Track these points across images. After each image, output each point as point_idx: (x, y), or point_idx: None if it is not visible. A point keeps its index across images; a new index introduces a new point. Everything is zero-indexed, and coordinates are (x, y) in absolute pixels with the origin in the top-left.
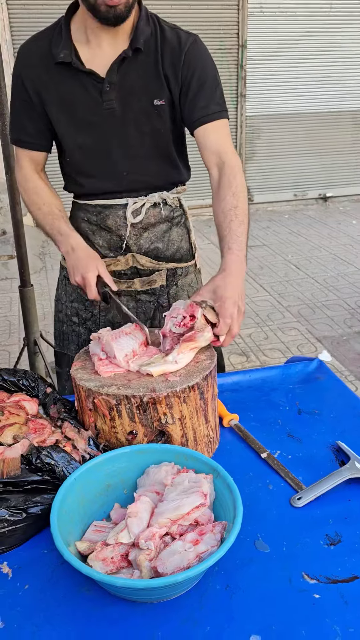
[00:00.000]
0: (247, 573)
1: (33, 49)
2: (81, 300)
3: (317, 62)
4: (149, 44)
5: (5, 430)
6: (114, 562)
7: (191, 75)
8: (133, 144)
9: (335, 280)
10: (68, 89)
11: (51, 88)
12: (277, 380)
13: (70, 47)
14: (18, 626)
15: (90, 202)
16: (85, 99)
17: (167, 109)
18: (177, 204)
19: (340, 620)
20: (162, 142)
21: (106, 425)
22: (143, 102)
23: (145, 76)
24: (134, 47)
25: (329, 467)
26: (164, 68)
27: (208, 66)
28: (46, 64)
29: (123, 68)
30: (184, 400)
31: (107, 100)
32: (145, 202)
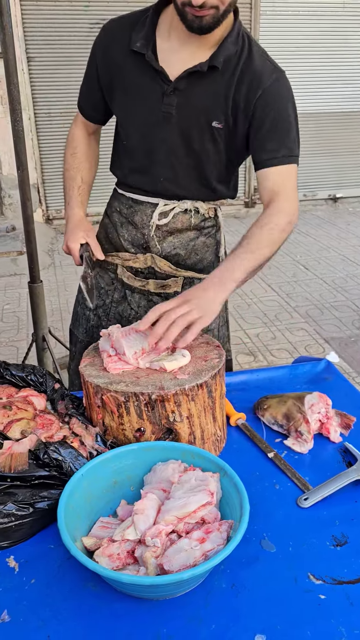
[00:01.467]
0: (252, 572)
1: (116, 29)
2: (97, 286)
3: (329, 62)
4: (229, 64)
5: (13, 425)
6: (120, 559)
7: (266, 114)
8: (177, 156)
9: (343, 282)
10: (135, 78)
11: (120, 72)
12: (284, 380)
13: (150, 38)
14: (24, 620)
15: (125, 193)
16: (147, 94)
17: (223, 134)
18: (212, 214)
19: (346, 621)
20: (208, 163)
21: (114, 422)
22: (201, 119)
23: (212, 95)
24: (210, 64)
25: (336, 468)
26: (237, 93)
27: (286, 107)
28: (122, 46)
29: (193, 79)
30: (192, 399)
31: (167, 104)
32: (175, 206)
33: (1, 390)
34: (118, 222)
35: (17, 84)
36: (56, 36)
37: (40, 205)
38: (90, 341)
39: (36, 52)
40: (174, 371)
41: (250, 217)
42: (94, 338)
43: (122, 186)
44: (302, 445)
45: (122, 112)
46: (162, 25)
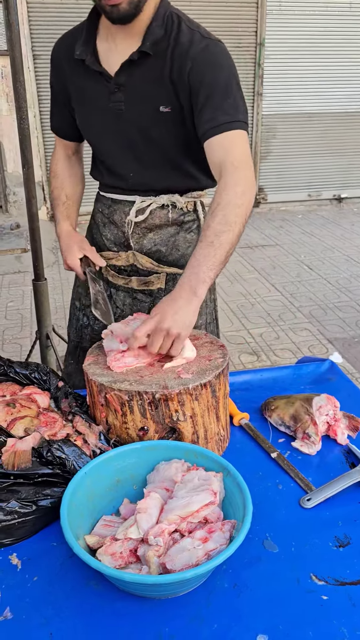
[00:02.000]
0: (255, 572)
1: (62, 45)
2: (84, 287)
3: (336, 62)
4: (160, 47)
5: (17, 423)
6: (122, 557)
7: (200, 84)
8: (138, 148)
9: (347, 282)
10: (83, 84)
11: (72, 82)
12: (288, 381)
13: (90, 43)
14: (27, 617)
15: (105, 194)
16: (95, 96)
17: (174, 116)
18: (191, 209)
19: (348, 622)
20: (171, 149)
21: (117, 420)
22: (148, 107)
23: (151, 81)
24: (140, 51)
25: (339, 469)
26: (172, 73)
27: (222, 73)
28: (69, 58)
29: (131, 70)
30: (196, 398)
31: (115, 102)
32: (152, 202)
33: (5, 388)
34: (100, 222)
35: (23, 82)
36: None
37: (45, 203)
38: (79, 341)
39: (42, 49)
40: (178, 370)
41: (254, 217)
42: (83, 338)
43: (102, 188)
44: (310, 447)
45: (81, 120)
46: (101, 29)
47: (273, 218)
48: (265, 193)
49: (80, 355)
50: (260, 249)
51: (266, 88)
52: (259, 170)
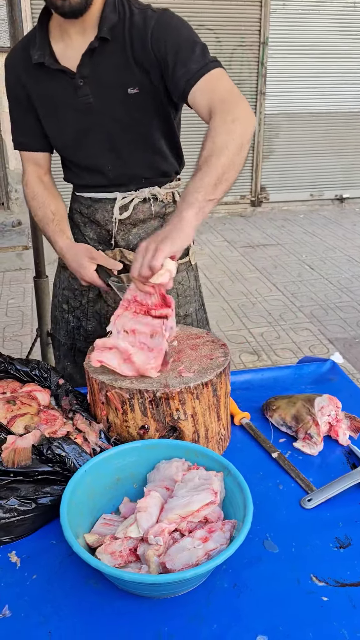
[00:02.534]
0: (255, 572)
1: (16, 55)
2: (71, 288)
3: (339, 61)
4: (117, 32)
5: (17, 420)
6: (122, 556)
7: (164, 50)
8: (113, 137)
9: (349, 282)
10: (46, 88)
11: (33, 89)
12: (289, 380)
13: (45, 46)
14: (25, 616)
15: (83, 194)
16: (62, 96)
17: (144, 97)
18: (171, 200)
19: (348, 624)
20: (144, 131)
21: (118, 418)
22: (117, 92)
23: (116, 66)
24: (99, 37)
25: (340, 470)
26: (134, 53)
27: (179, 34)
28: (26, 66)
29: (93, 60)
30: (197, 397)
31: (82, 96)
32: (133, 197)
33: (5, 385)
34: (81, 222)
35: None
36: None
37: None
38: (72, 343)
39: None
40: (179, 369)
41: (256, 216)
42: (76, 339)
43: (79, 189)
44: (311, 447)
45: (49, 126)
46: (53, 31)
47: (275, 217)
48: (268, 192)
49: (77, 355)
50: (262, 248)
51: (269, 87)
52: (262, 169)
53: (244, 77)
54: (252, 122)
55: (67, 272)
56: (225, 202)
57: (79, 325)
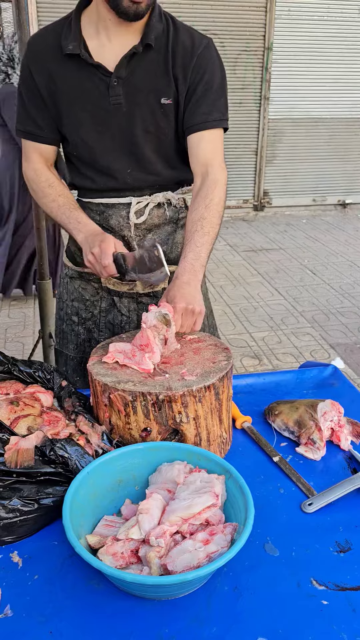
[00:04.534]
0: (255, 575)
1: (42, 41)
2: (82, 299)
3: (343, 67)
4: (160, 41)
5: (20, 421)
6: (123, 558)
7: (199, 78)
8: (137, 142)
9: (351, 288)
10: (76, 81)
11: (59, 80)
12: (291, 385)
13: (80, 39)
14: (27, 615)
15: (93, 200)
16: (92, 92)
17: (173, 109)
18: (182, 205)
19: (348, 628)
20: (166, 142)
21: (121, 421)
22: (150, 99)
23: (154, 74)
24: (144, 43)
25: (341, 475)
26: (174, 67)
27: (217, 73)
28: (55, 55)
29: (132, 64)
30: (200, 400)
31: (114, 96)
32: (149, 202)
33: (9, 386)
34: None
35: None
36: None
37: None
38: (82, 357)
39: None
40: (182, 372)
41: (258, 221)
42: (86, 353)
43: (88, 194)
44: (314, 452)
45: (70, 119)
46: (87, 26)
47: (277, 222)
48: (270, 197)
49: (85, 370)
50: (264, 252)
51: (273, 92)
52: (265, 173)
53: (248, 82)
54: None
55: (77, 282)
56: (228, 207)
57: (89, 338)
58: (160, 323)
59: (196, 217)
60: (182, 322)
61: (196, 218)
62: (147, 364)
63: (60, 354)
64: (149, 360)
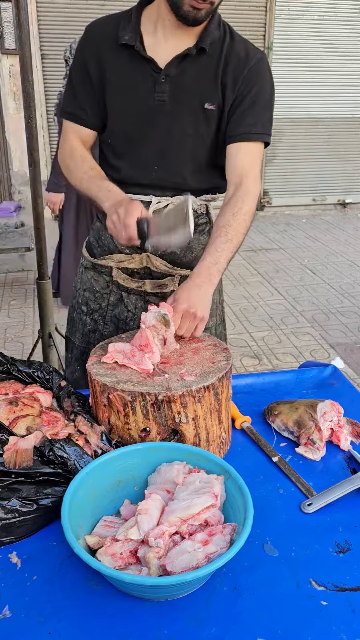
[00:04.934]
0: (254, 576)
1: (101, 28)
2: (92, 290)
3: (344, 67)
4: (215, 48)
5: (19, 422)
6: (122, 558)
7: (248, 90)
8: (172, 143)
9: (351, 287)
10: (125, 71)
11: (110, 68)
12: (290, 385)
13: (137, 32)
14: (25, 616)
15: None
16: (139, 85)
17: (215, 115)
18: (204, 211)
19: (348, 628)
20: (202, 147)
21: (120, 421)
22: (194, 102)
23: (203, 78)
24: (199, 47)
25: (341, 475)
26: (224, 75)
27: (266, 87)
28: (110, 43)
29: (183, 64)
30: (199, 400)
31: (160, 92)
32: (168, 203)
33: (8, 386)
34: None
35: (31, 81)
36: (71, 34)
37: None
38: (86, 347)
39: (50, 49)
40: (181, 372)
41: (258, 220)
42: (90, 343)
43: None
44: (314, 453)
45: (112, 106)
46: (146, 23)
47: (277, 222)
48: (270, 197)
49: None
50: (264, 252)
51: None
52: (264, 173)
53: None
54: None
55: (90, 273)
56: None
57: (95, 329)
58: (159, 323)
59: (222, 224)
60: (181, 324)
61: (221, 224)
62: (146, 364)
63: (69, 340)
64: (149, 360)
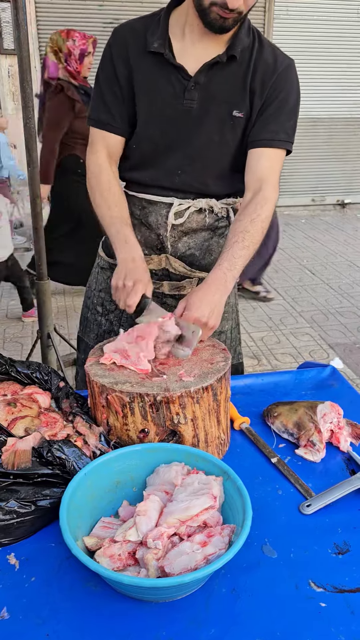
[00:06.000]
0: (253, 577)
1: (129, 31)
2: (109, 291)
3: (342, 67)
4: (244, 55)
5: (18, 423)
6: (121, 560)
7: (275, 96)
8: (198, 149)
9: (350, 288)
10: (154, 77)
11: (138, 72)
12: (289, 385)
13: (165, 38)
14: (23, 618)
15: (137, 194)
16: (167, 91)
17: (243, 123)
18: (225, 215)
19: (346, 630)
20: (227, 154)
21: (118, 422)
22: (222, 109)
23: (232, 85)
24: (229, 54)
25: (340, 476)
26: (253, 82)
27: (293, 95)
28: (139, 48)
29: (212, 72)
30: (197, 401)
31: (189, 99)
32: (190, 205)
33: (6, 387)
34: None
35: (30, 82)
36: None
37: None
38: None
39: None
40: (179, 373)
41: None
42: None
43: (134, 187)
44: (314, 454)
45: (140, 111)
46: (174, 27)
47: None
48: None
49: None
50: None
51: None
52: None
53: None
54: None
55: (107, 273)
56: None
57: (110, 330)
58: (174, 336)
59: (239, 229)
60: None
61: (239, 229)
62: (143, 364)
63: (81, 341)
64: (145, 359)
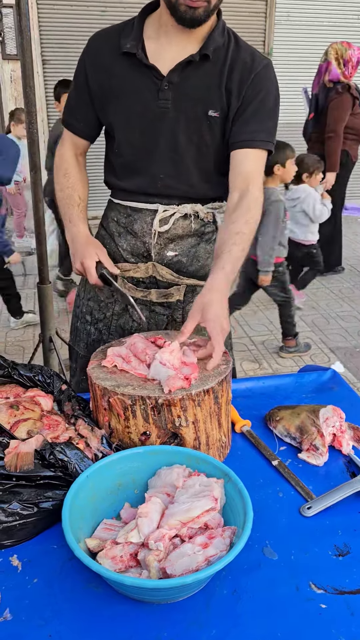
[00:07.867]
0: (254, 579)
1: (103, 37)
2: (96, 300)
3: None
4: (219, 54)
5: (20, 425)
6: (122, 561)
7: (254, 96)
8: (177, 150)
9: (350, 292)
10: (128, 80)
11: (112, 76)
12: (290, 389)
13: (139, 40)
14: (26, 619)
15: (122, 202)
16: (142, 92)
17: (219, 123)
18: (211, 219)
19: (347, 631)
20: (207, 154)
21: (120, 424)
22: (197, 109)
23: (206, 85)
24: (202, 53)
25: (340, 478)
26: (229, 81)
27: (272, 94)
28: (112, 52)
29: (186, 71)
30: (199, 404)
31: (162, 99)
32: (175, 211)
33: (9, 390)
34: (115, 232)
35: (33, 87)
36: (71, 40)
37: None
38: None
39: (51, 55)
40: None
41: None
42: None
43: (119, 194)
44: (317, 458)
45: (116, 115)
46: (149, 30)
47: None
48: None
49: None
50: None
51: None
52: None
53: None
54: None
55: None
56: None
57: (99, 339)
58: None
59: (235, 230)
60: (218, 339)
61: (235, 231)
62: (143, 370)
63: (72, 350)
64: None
